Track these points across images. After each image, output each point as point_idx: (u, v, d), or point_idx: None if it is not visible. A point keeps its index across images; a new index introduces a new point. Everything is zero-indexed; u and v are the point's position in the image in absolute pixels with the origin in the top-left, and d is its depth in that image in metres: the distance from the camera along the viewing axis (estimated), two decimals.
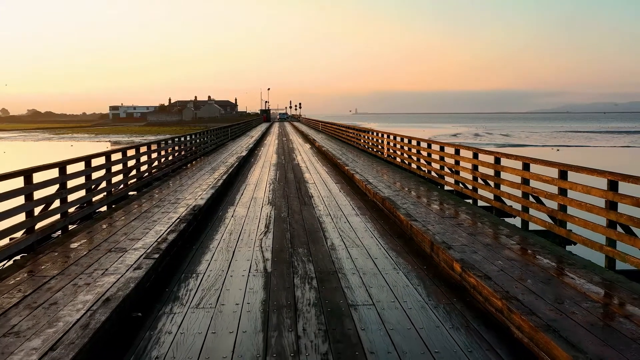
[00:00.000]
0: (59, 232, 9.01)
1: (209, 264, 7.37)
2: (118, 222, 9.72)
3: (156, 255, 7.09)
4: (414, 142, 17.27)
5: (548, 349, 4.42)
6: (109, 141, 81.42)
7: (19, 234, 7.80)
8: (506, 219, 10.21)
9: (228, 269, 7.05)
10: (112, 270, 6.68)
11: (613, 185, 6.98)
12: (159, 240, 8.08)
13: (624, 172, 7.17)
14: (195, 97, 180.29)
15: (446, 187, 13.91)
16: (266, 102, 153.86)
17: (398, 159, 19.25)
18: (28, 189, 7.88)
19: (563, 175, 8.25)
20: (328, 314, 5.47)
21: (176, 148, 19.18)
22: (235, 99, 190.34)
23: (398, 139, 19.60)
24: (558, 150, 59.85)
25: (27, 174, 7.95)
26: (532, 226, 9.33)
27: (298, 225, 9.88)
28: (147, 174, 14.90)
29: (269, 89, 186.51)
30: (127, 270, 6.67)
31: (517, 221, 9.80)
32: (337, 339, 4.88)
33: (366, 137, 26.88)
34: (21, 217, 7.72)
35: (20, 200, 7.78)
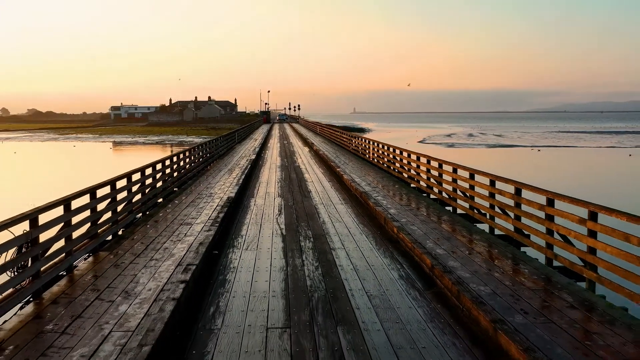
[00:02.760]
0: (140, 215, 13.48)
1: (247, 230, 11.93)
2: (176, 208, 14.20)
3: (216, 225, 11.63)
4: (391, 149, 21.77)
5: (424, 261, 8.95)
6: (113, 141, 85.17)
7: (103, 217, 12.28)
8: (446, 207, 14.70)
9: (259, 233, 11.61)
10: (189, 234, 11.16)
11: (492, 182, 11.49)
12: (212, 218, 12.58)
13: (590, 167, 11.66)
14: (196, 97, 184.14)
15: (412, 185, 18.41)
16: (266, 104, 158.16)
17: (381, 162, 23.72)
18: (129, 186, 12.38)
19: (472, 176, 12.75)
20: (319, 252, 10.00)
21: (200, 153, 23.67)
22: (235, 100, 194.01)
23: (380, 145, 24.10)
24: (539, 150, 64.38)
25: (129, 175, 12.45)
26: (460, 211, 13.83)
27: (300, 210, 14.43)
28: (183, 175, 19.40)
29: (269, 91, 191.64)
30: (199, 233, 11.16)
31: (452, 208, 14.30)
32: (323, 261, 9.40)
33: (356, 142, 31.38)
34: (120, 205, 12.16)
35: (124, 194, 12.24)
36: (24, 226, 7.39)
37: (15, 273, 7.22)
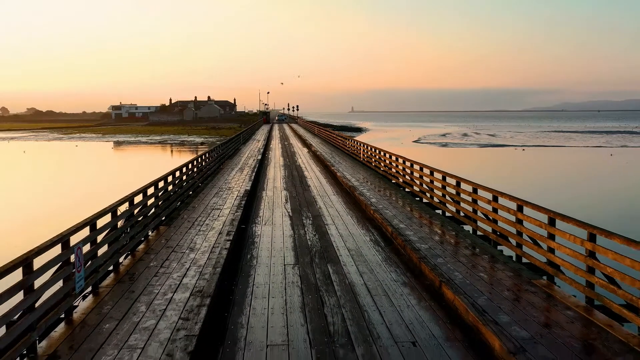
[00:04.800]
0: (179, 203, 17.56)
1: (263, 213, 16.09)
2: (205, 198, 18.28)
3: (241, 209, 15.76)
4: (377, 151, 25.89)
5: (387, 230, 13.10)
6: (117, 141, 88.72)
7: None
8: (416, 198, 18.80)
9: (272, 215, 15.76)
10: (221, 215, 15.26)
11: (443, 177, 15.61)
12: (236, 205, 16.70)
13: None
14: (195, 97, 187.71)
15: (393, 181, 22.54)
16: (265, 104, 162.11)
17: (370, 162, 27.84)
18: (174, 180, 16.47)
19: (431, 173, 16.87)
20: (316, 226, 14.15)
21: (215, 154, 27.77)
22: (234, 99, 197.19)
23: (369, 147, 28.22)
24: (524, 150, 68.48)
25: (174, 172, 16.55)
26: (425, 200, 17.94)
27: (302, 199, 18.57)
28: (204, 172, 23.49)
29: (268, 93, 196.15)
30: (228, 214, 15.26)
31: (420, 199, 18.41)
32: (319, 232, 13.56)
33: (349, 144, 35.53)
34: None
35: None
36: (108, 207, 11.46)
37: (123, 237, 11.31)
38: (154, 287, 9.14)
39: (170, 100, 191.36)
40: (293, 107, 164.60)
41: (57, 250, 7.77)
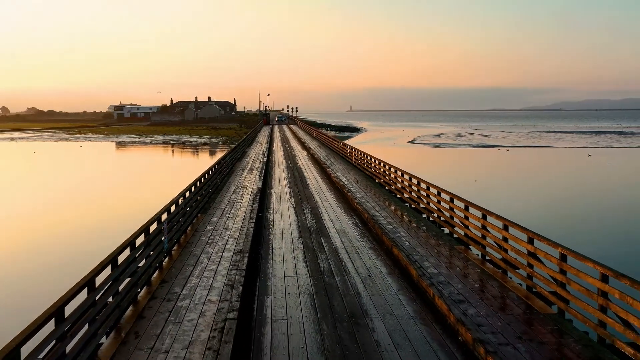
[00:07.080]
0: (207, 198, 22.54)
1: (273, 205, 21.17)
2: (226, 194, 23.30)
3: (256, 202, 20.81)
4: (365, 155, 30.91)
5: (364, 216, 18.14)
6: (122, 141, 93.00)
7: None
8: (393, 194, 23.79)
9: (280, 206, 20.82)
10: (242, 206, 20.27)
11: (410, 178, 20.64)
12: (252, 199, 21.72)
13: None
14: (196, 97, 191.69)
15: (377, 181, 27.55)
16: (266, 106, 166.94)
17: (361, 164, 32.82)
18: (204, 181, 21.47)
19: (402, 174, 21.88)
20: (314, 214, 19.21)
21: (228, 158, 32.78)
22: (234, 100, 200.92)
23: (360, 152, 33.24)
24: (507, 150, 73.33)
25: (204, 174, 21.57)
26: (398, 196, 22.94)
27: (303, 195, 23.63)
28: (221, 173, 28.49)
29: (268, 95, 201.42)
30: (247, 206, 20.28)
31: (396, 195, 23.41)
32: (316, 218, 18.62)
33: (344, 148, 40.56)
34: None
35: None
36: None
37: (181, 220, 16.31)
38: (208, 249, 14.15)
39: (172, 100, 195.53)
40: (292, 108, 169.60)
41: (154, 225, 12.77)
